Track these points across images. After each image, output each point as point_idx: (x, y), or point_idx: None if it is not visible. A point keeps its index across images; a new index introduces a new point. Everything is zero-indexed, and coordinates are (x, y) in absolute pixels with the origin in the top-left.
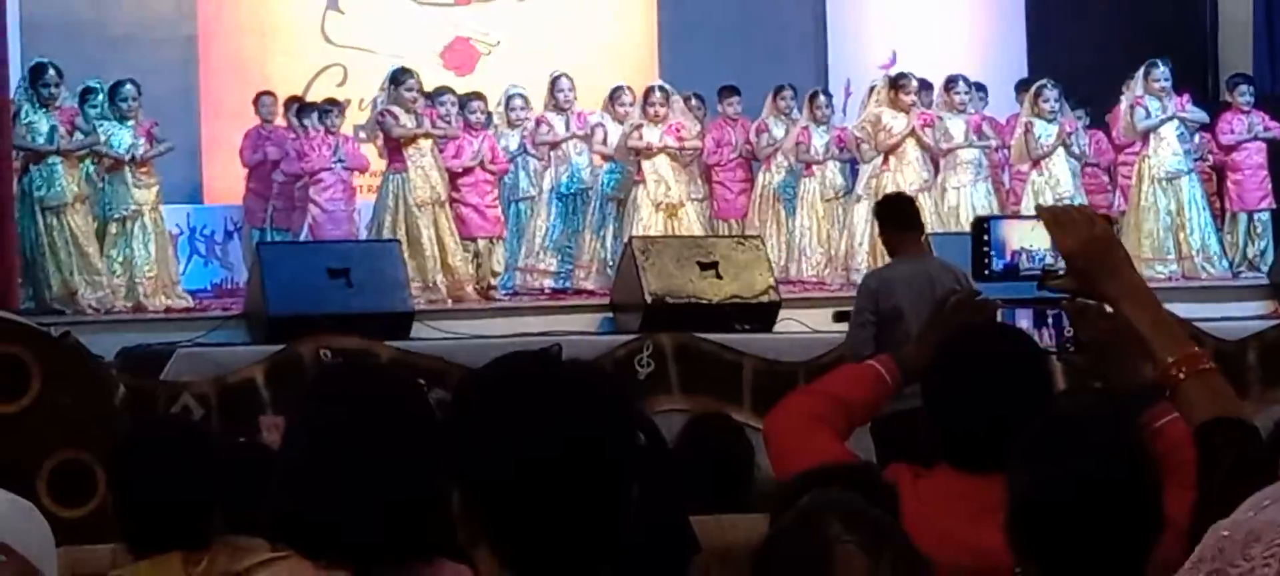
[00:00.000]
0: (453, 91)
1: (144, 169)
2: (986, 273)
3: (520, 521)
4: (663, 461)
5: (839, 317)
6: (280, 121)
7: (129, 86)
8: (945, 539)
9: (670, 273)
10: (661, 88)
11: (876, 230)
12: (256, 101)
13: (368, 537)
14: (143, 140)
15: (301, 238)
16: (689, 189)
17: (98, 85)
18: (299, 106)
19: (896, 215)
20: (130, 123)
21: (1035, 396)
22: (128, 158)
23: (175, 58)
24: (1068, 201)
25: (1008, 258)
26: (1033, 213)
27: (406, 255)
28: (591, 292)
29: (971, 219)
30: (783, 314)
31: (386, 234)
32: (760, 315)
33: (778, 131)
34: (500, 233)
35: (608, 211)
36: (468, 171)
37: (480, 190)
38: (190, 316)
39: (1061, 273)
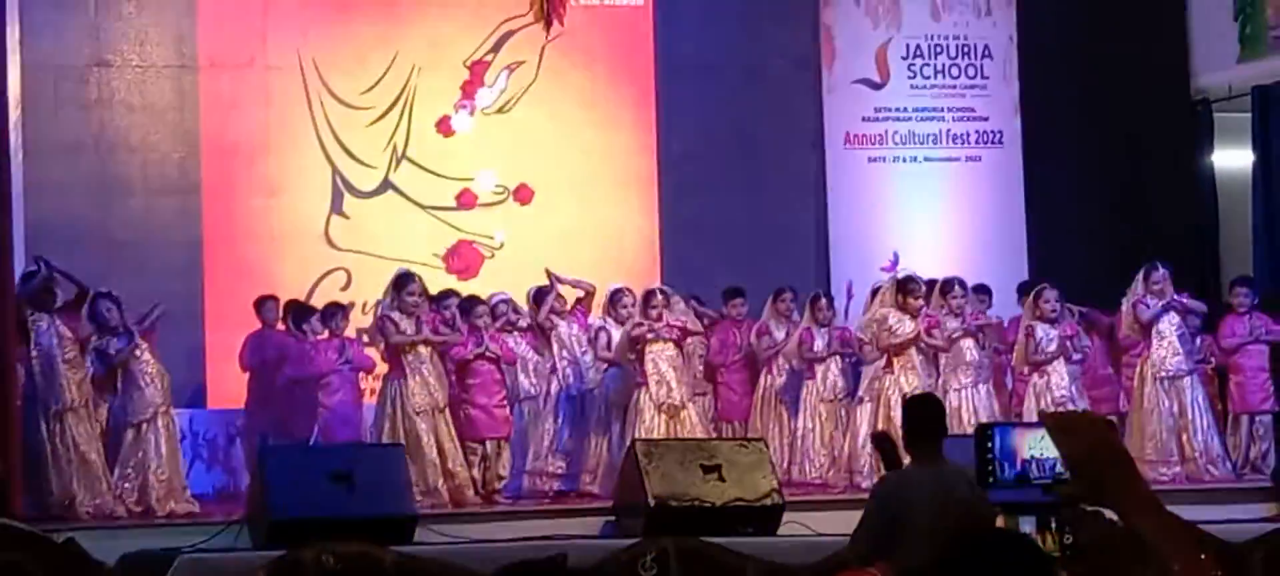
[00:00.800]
0: (457, 294)
1: (151, 365)
2: (992, 481)
3: None
4: None
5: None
6: (281, 326)
7: (105, 302)
8: None
9: (673, 476)
10: (662, 290)
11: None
12: (258, 305)
13: None
14: (135, 333)
15: (311, 441)
16: (691, 389)
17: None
18: (297, 311)
19: (921, 421)
20: (117, 330)
21: None
22: (132, 352)
23: (179, 262)
24: (1069, 405)
25: (1017, 466)
26: (1037, 418)
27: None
28: (595, 496)
29: (973, 421)
30: (786, 516)
31: (386, 438)
32: (764, 518)
33: (779, 333)
34: (507, 433)
35: (612, 414)
36: (475, 372)
37: (488, 390)
38: (193, 522)
39: (1068, 480)
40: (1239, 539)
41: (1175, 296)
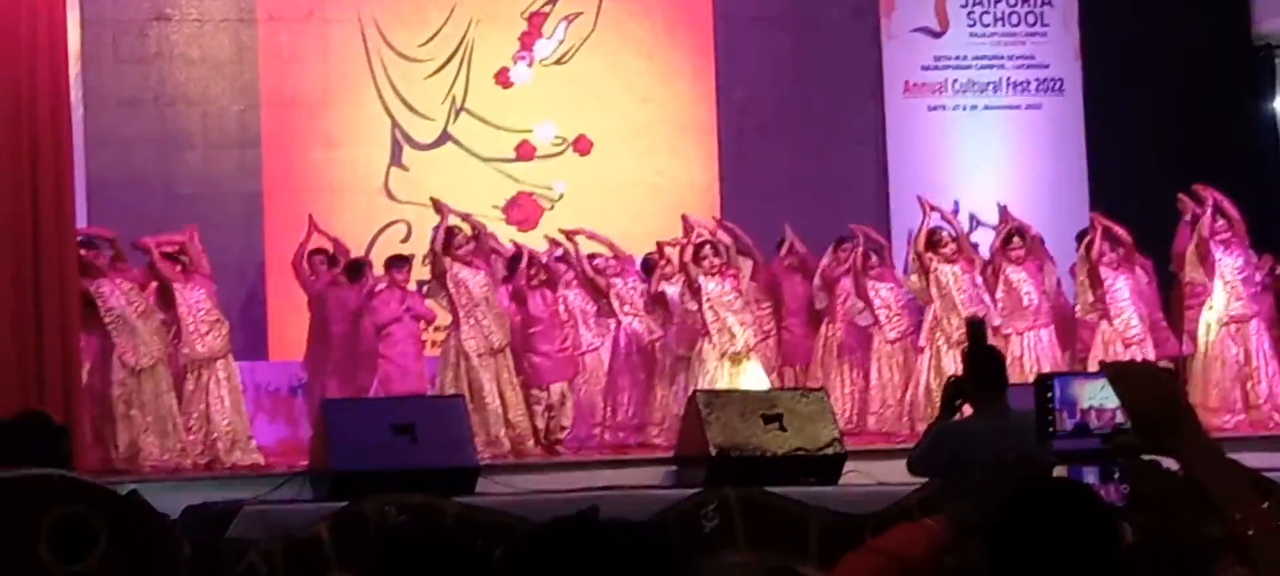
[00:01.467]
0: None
1: (211, 312)
2: (1051, 431)
3: None
4: None
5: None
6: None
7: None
8: None
9: (734, 426)
10: (711, 243)
11: (939, 381)
12: (310, 259)
13: None
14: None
15: (371, 392)
16: (756, 331)
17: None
18: (351, 265)
19: (983, 372)
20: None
21: (1101, 555)
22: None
23: (240, 214)
24: (1136, 351)
25: (1078, 416)
26: (1098, 368)
27: (470, 409)
28: (657, 446)
29: (1035, 368)
30: (848, 465)
31: (449, 390)
32: (825, 467)
33: (844, 282)
34: (573, 374)
35: (677, 365)
36: (534, 319)
37: (549, 337)
38: (256, 473)
39: (1129, 430)
40: None
41: (1214, 197)
